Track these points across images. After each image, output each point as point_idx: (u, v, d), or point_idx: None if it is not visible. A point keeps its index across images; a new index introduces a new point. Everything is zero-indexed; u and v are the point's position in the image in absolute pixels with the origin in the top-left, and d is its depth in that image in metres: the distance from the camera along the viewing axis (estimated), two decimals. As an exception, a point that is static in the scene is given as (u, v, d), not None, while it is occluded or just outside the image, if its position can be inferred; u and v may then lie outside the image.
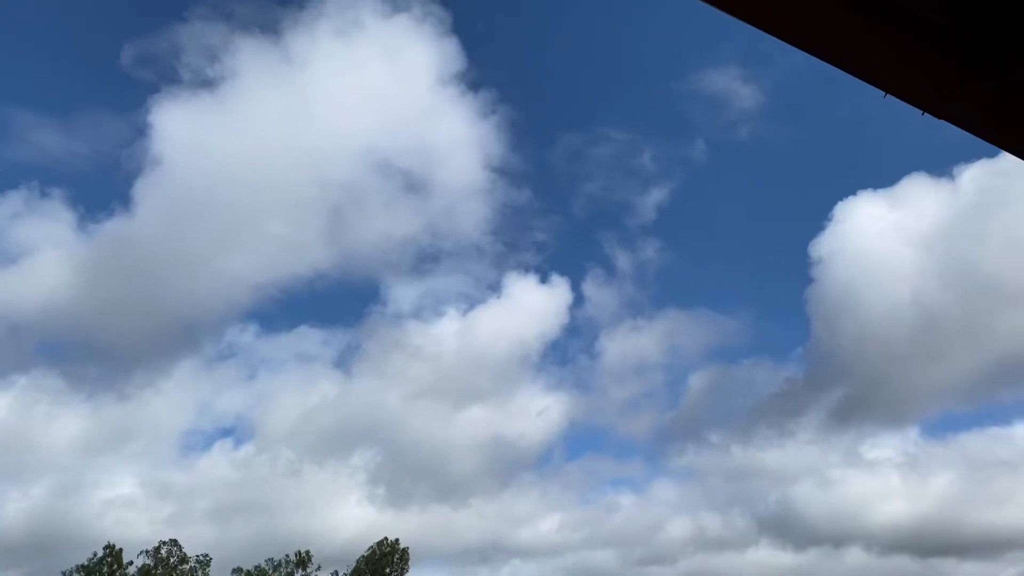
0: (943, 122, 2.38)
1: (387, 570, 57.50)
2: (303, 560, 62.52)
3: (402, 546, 54.56)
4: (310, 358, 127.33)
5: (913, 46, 2.22)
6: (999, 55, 2.32)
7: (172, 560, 61.61)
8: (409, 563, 53.90)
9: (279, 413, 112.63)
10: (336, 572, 61.01)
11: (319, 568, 63.31)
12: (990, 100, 2.36)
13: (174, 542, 62.82)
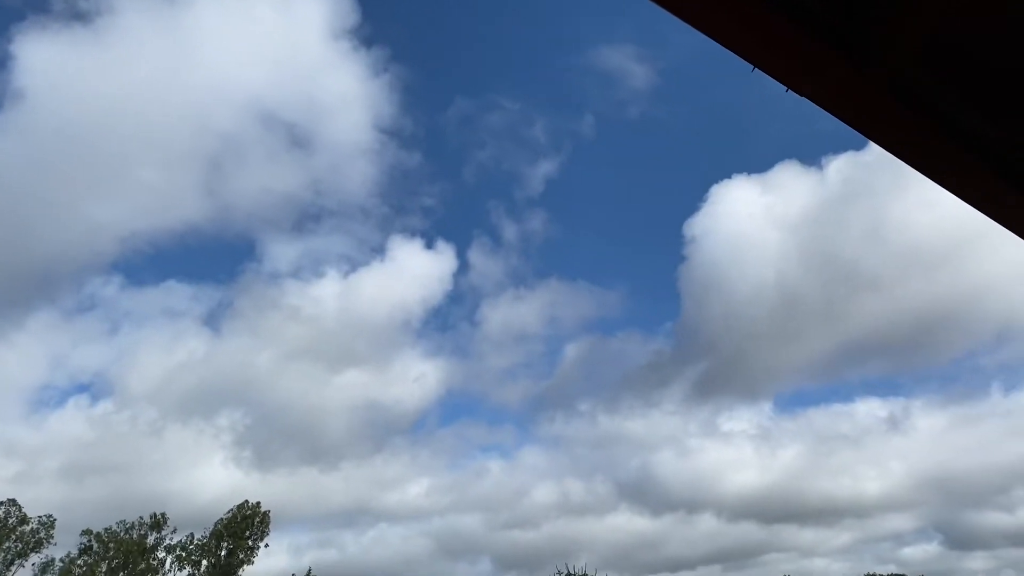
0: (820, 113, 2.36)
1: (247, 533, 56.18)
2: (158, 522, 60.12)
3: (263, 509, 53.44)
4: (177, 314, 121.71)
5: (780, 21, 2.19)
6: (862, 37, 2.31)
7: (11, 521, 58.14)
8: (270, 526, 52.92)
9: (142, 370, 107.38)
10: (191, 535, 59.10)
11: (175, 531, 61.10)
12: (849, 81, 2.34)
13: (12, 502, 59.26)
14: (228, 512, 59.85)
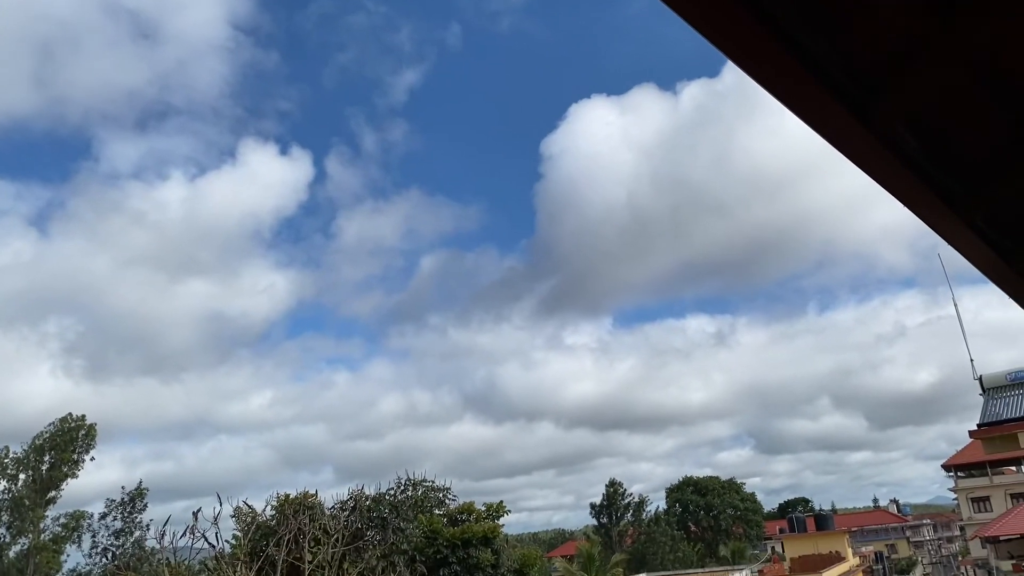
0: (679, 38, 2.15)
1: (71, 447, 53.42)
2: (-32, 436, 56.08)
3: (89, 422, 50.79)
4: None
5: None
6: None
7: None
8: (96, 439, 50.45)
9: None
10: (7, 448, 55.54)
11: (-10, 445, 57.13)
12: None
13: None
14: (50, 425, 56.61)
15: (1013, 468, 77.51)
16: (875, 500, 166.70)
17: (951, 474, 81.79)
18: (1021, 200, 3.61)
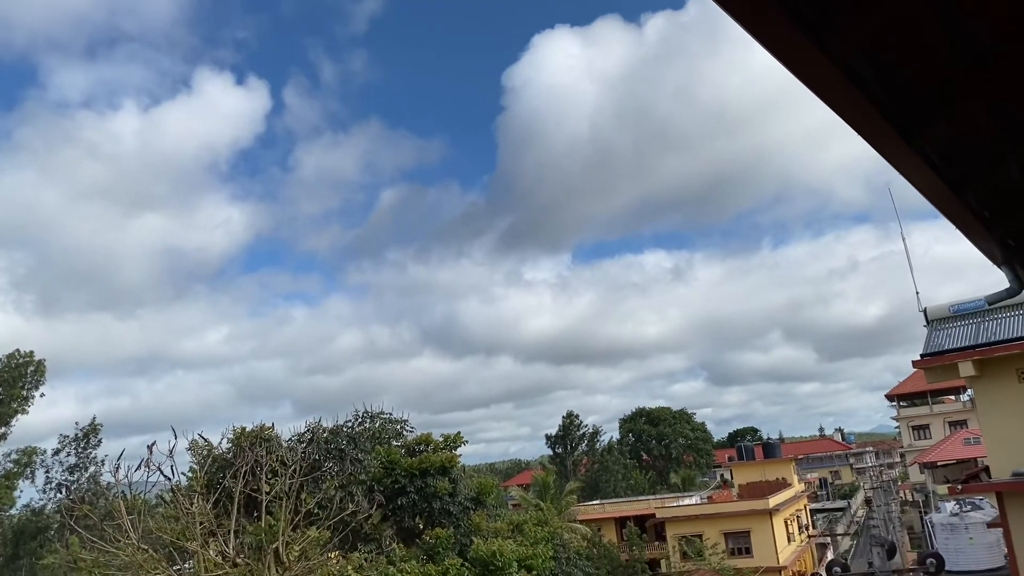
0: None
1: (20, 383, 52.57)
2: (-88, 373, 54.72)
3: (38, 358, 49.90)
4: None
5: None
6: None
7: None
8: (46, 376, 49.67)
9: None
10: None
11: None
12: None
13: None
14: (-3, 361, 55.45)
15: (952, 397, 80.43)
16: (821, 429, 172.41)
17: (894, 403, 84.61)
18: (969, 130, 3.65)
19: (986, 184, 4.36)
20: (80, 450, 50.83)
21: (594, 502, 75.19)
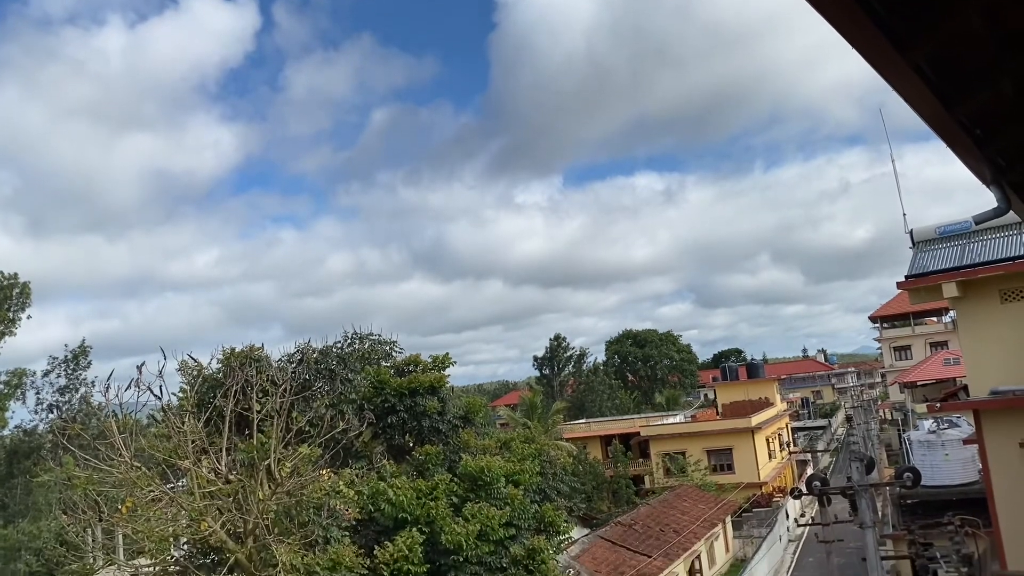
0: None
1: (5, 305, 52.41)
2: None
3: (22, 280, 49.60)
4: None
5: None
6: None
7: None
8: (31, 298, 49.44)
9: None
10: (-59, 308, 54.21)
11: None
12: None
13: None
14: (-18, 283, 55.06)
15: (934, 319, 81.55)
16: (804, 351, 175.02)
17: (877, 325, 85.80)
18: (964, 42, 3.59)
19: (979, 100, 4.31)
20: (70, 372, 51.02)
21: (580, 421, 76.58)
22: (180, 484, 19.08)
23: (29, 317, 48.73)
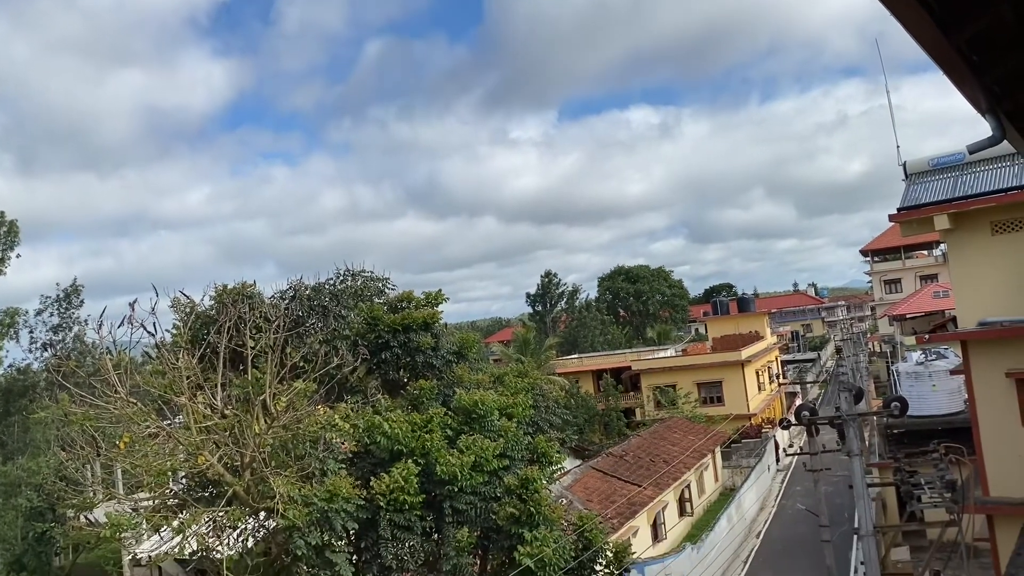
0: None
1: (-5, 243, 52.02)
2: None
3: (9, 218, 49.12)
4: None
5: None
6: None
7: None
8: (19, 236, 49.01)
9: None
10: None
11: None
12: None
13: None
14: (-31, 222, 54.54)
15: (925, 252, 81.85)
16: (795, 285, 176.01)
17: (868, 259, 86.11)
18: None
19: (978, 25, 4.25)
20: (63, 311, 51.00)
21: (572, 356, 77.25)
22: (177, 420, 19.26)
23: (18, 256, 48.40)
